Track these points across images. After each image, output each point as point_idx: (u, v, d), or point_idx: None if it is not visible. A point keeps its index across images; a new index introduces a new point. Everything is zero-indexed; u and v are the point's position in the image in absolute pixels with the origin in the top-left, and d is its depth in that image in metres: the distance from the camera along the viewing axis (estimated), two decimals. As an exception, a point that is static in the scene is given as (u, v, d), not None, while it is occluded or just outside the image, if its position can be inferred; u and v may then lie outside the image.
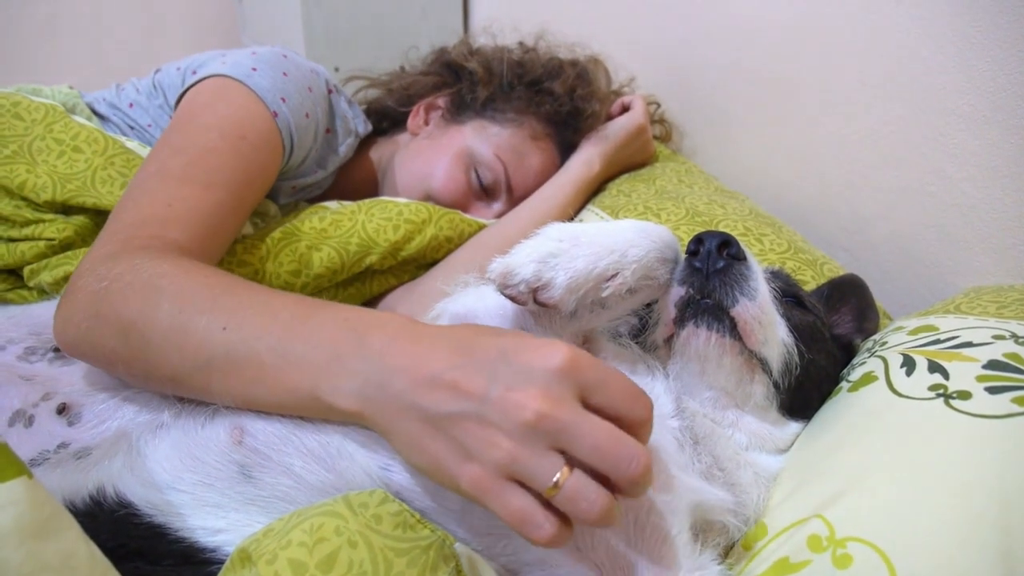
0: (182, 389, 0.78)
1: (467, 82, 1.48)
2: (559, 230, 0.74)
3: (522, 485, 0.59)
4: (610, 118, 1.58)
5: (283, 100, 1.17)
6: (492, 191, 1.43)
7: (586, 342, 0.79)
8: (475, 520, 0.69)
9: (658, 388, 0.78)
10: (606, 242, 0.73)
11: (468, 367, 0.63)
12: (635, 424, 0.61)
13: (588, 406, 0.61)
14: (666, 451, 0.73)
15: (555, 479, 0.58)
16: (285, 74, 1.20)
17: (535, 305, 0.72)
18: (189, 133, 1.08)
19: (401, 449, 0.66)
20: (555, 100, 1.44)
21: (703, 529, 0.73)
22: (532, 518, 0.58)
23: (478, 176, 1.40)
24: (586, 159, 1.45)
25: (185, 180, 0.99)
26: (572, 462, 0.59)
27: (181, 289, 0.79)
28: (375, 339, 0.68)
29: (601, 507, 0.58)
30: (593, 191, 1.48)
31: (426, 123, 1.49)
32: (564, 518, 0.59)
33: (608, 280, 0.72)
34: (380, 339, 0.68)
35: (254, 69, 1.17)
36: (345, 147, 1.39)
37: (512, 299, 0.73)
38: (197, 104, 1.14)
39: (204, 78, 1.17)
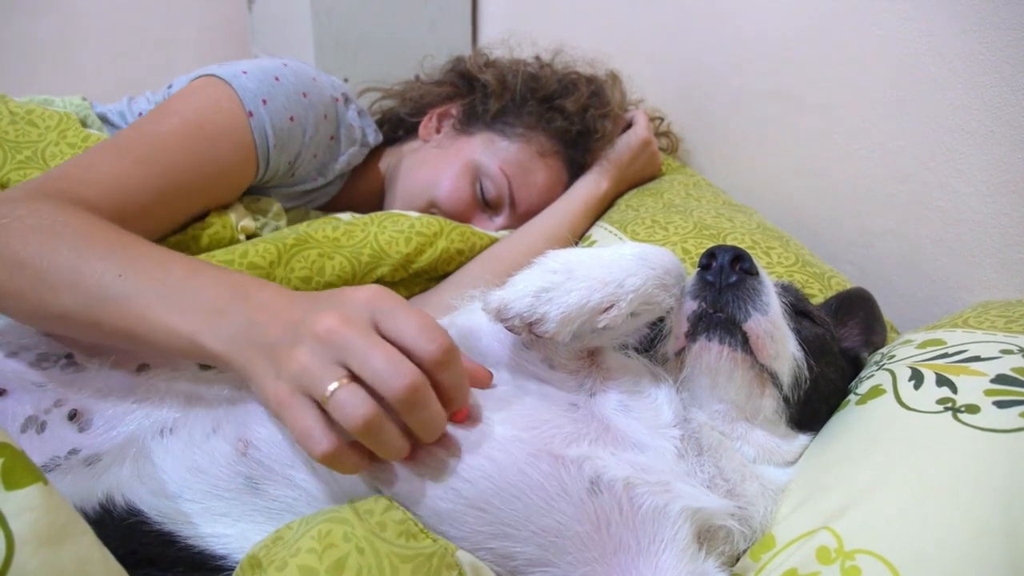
0: (67, 326, 0.83)
1: (480, 93, 1.48)
2: (555, 260, 0.73)
3: (317, 406, 0.64)
4: None
5: (264, 102, 1.18)
6: (495, 204, 1.43)
7: (592, 354, 0.79)
8: (468, 519, 0.68)
9: (660, 397, 0.78)
10: (601, 274, 0.71)
11: (299, 304, 0.70)
12: (423, 360, 0.64)
13: (380, 333, 0.65)
14: (663, 458, 0.73)
15: (331, 388, 0.62)
16: (277, 79, 1.22)
17: (531, 336, 0.72)
18: (155, 114, 1.12)
19: (256, 393, 0.72)
20: (566, 118, 1.44)
21: (707, 537, 0.73)
22: (312, 432, 0.63)
23: (482, 189, 1.41)
24: (594, 177, 1.46)
25: (123, 150, 1.03)
26: (354, 379, 0.64)
27: (81, 236, 0.83)
28: (252, 297, 0.74)
29: (364, 415, 0.62)
30: (603, 208, 1.48)
31: (438, 131, 1.50)
32: (357, 446, 0.65)
33: (603, 312, 0.71)
34: (256, 296, 0.74)
35: (244, 72, 1.20)
36: (347, 156, 1.39)
37: (509, 330, 0.73)
38: (178, 95, 1.18)
39: (197, 76, 1.21)
